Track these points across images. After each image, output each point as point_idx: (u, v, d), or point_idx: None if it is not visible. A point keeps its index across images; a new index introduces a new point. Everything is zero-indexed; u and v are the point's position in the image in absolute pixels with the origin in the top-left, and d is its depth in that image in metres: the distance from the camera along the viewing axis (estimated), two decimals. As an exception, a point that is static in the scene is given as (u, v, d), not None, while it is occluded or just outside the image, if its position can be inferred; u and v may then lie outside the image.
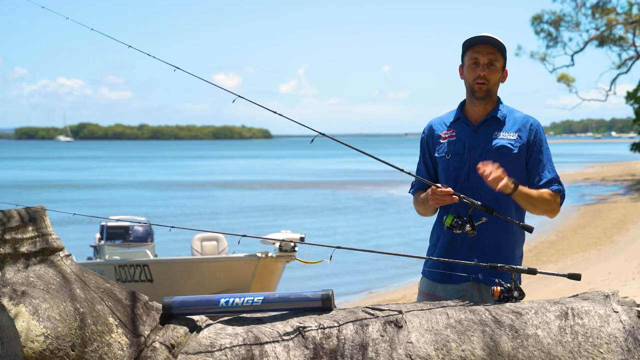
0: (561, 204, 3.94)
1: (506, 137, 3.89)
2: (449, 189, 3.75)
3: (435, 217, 4.08)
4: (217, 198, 39.97)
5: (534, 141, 3.90)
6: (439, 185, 3.80)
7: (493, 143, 3.89)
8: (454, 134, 3.97)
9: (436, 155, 4.00)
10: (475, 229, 3.73)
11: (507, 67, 3.99)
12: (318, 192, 42.44)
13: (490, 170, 3.70)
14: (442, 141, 3.99)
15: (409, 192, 4.15)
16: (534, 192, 3.84)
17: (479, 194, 3.78)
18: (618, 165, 61.15)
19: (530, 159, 3.90)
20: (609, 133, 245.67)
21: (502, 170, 3.71)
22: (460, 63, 4.00)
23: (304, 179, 54.60)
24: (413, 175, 3.97)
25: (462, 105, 4.04)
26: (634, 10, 39.24)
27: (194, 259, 14.87)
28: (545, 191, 3.87)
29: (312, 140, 3.72)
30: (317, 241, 4.03)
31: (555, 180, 3.91)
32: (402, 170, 3.89)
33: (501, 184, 3.69)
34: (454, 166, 3.92)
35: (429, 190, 3.82)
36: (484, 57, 3.88)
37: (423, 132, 4.12)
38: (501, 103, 3.99)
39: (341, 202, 36.99)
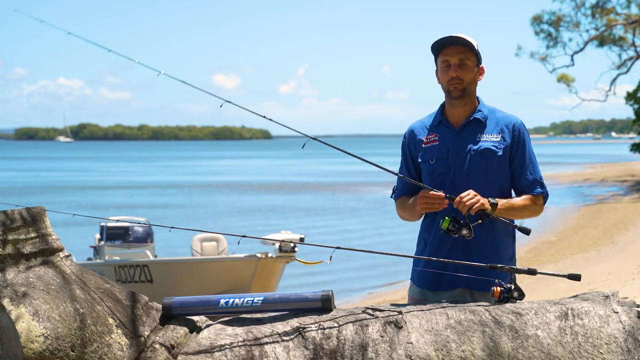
0: (544, 203, 3.91)
1: (490, 139, 3.85)
2: (441, 193, 3.70)
3: (419, 223, 3.99)
4: (217, 199, 39.97)
5: (518, 142, 3.86)
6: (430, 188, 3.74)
7: (477, 146, 3.84)
8: (437, 138, 3.90)
9: (419, 160, 3.94)
10: (472, 232, 3.68)
11: (484, 65, 3.93)
12: (318, 194, 42.44)
13: (466, 199, 3.65)
14: (424, 146, 3.92)
15: (391, 197, 4.07)
16: (514, 202, 3.81)
17: None
18: (618, 166, 61.12)
19: (513, 160, 3.86)
20: (609, 133, 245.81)
21: (474, 195, 3.66)
22: (435, 68, 3.95)
23: (304, 180, 54.58)
24: (407, 179, 3.89)
25: (443, 108, 3.98)
26: (633, 8, 39.23)
27: (194, 259, 14.87)
28: (526, 197, 3.84)
29: (303, 146, 3.71)
30: (317, 242, 4.01)
31: (538, 182, 3.87)
32: (397, 174, 3.86)
33: (475, 207, 3.64)
34: (439, 171, 3.86)
35: (420, 193, 3.76)
36: (454, 57, 3.84)
37: (404, 137, 4.05)
38: (481, 103, 3.94)
39: (341, 203, 36.98)
